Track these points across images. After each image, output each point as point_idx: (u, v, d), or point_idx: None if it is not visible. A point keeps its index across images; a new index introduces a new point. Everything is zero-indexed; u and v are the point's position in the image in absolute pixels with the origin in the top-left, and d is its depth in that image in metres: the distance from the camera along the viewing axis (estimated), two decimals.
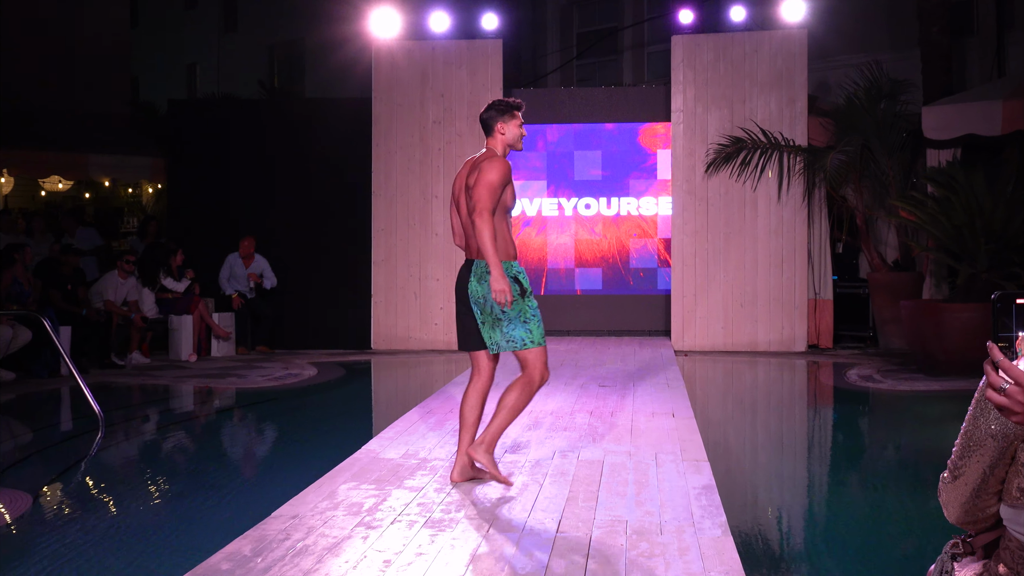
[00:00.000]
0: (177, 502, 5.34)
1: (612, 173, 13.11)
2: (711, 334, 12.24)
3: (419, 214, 12.57)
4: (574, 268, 13.02)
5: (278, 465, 6.37)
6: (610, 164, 13.11)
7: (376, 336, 12.63)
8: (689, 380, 9.79)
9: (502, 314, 4.95)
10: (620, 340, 12.50)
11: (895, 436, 7.70)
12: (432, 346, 12.51)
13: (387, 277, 12.61)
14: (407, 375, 11.18)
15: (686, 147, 12.28)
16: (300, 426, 7.88)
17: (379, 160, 12.62)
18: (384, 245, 12.61)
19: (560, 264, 13.07)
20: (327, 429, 7.69)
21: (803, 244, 12.15)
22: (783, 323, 12.17)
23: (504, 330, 4.99)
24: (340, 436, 7.17)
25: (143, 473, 6.24)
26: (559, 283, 13.06)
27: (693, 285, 12.25)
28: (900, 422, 8.28)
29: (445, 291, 12.39)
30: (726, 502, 4.74)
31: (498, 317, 4.96)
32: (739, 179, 12.13)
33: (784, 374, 10.96)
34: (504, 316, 4.95)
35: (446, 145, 12.55)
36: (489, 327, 5.00)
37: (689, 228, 12.26)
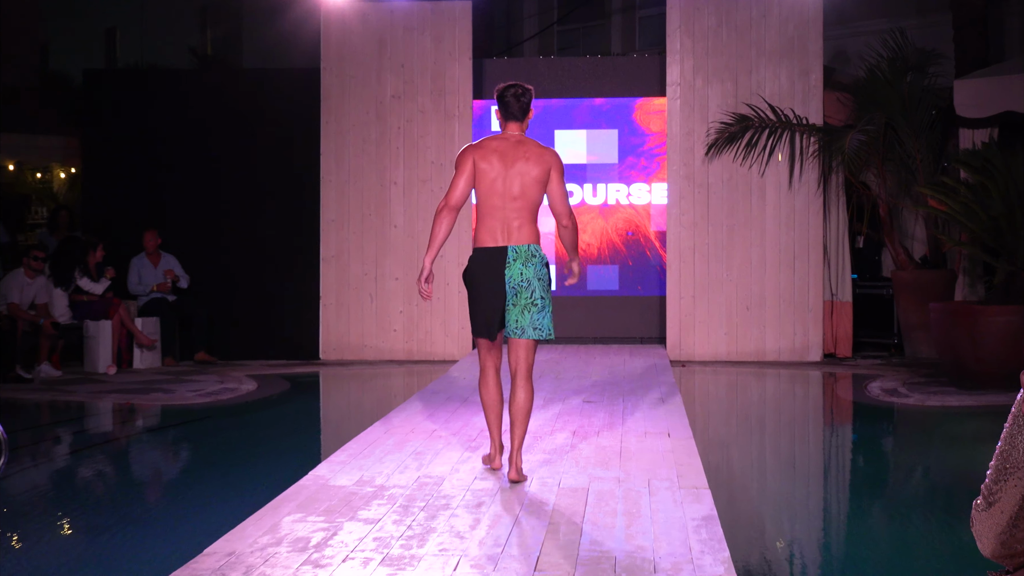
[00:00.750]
0: (93, 538, 5.29)
1: (599, 156, 13.18)
2: (712, 342, 12.31)
3: (375, 203, 12.58)
4: (553, 266, 13.00)
5: (211, 494, 6.33)
6: (597, 146, 13.18)
7: (325, 344, 12.64)
8: (687, 395, 9.84)
9: (540, 299, 5.91)
10: (607, 349, 12.53)
11: (923, 459, 7.76)
12: (391, 356, 12.51)
13: (338, 276, 12.62)
14: (361, 389, 11.18)
15: (684, 126, 12.34)
16: (237, 449, 7.85)
17: (329, 141, 12.63)
18: (335, 239, 12.62)
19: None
20: (268, 452, 7.66)
21: (818, 238, 12.22)
22: (795, 329, 12.25)
23: (534, 316, 5.91)
24: (284, 460, 7.14)
25: (53, 504, 6.18)
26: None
27: (692, 285, 12.31)
28: (929, 442, 8.34)
29: (406, 292, 12.42)
30: (729, 535, 4.75)
31: (534, 303, 5.90)
32: (744, 163, 12.19)
33: (796, 387, 11.01)
34: (540, 303, 5.92)
35: (406, 123, 12.56)
36: (519, 311, 5.90)
37: (687, 219, 12.32)
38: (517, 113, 6.07)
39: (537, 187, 5.97)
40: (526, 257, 5.91)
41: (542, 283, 5.95)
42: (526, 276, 5.90)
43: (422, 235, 12.39)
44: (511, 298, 5.90)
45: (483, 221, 5.99)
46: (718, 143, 12.18)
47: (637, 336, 13.15)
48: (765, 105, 12.13)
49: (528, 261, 5.91)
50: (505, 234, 5.93)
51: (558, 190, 6.02)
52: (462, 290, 11.90)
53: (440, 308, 12.48)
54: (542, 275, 5.96)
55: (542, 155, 6.00)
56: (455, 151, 12.18)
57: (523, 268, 5.90)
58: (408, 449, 6.76)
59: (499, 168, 5.94)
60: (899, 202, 12.45)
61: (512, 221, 5.94)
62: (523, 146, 6.01)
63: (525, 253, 5.92)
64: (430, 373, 11.38)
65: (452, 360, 12.20)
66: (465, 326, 12.29)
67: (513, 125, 6.09)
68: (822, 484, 7.08)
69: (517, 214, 5.93)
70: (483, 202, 6.00)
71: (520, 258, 5.91)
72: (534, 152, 6.00)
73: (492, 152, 5.96)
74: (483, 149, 5.99)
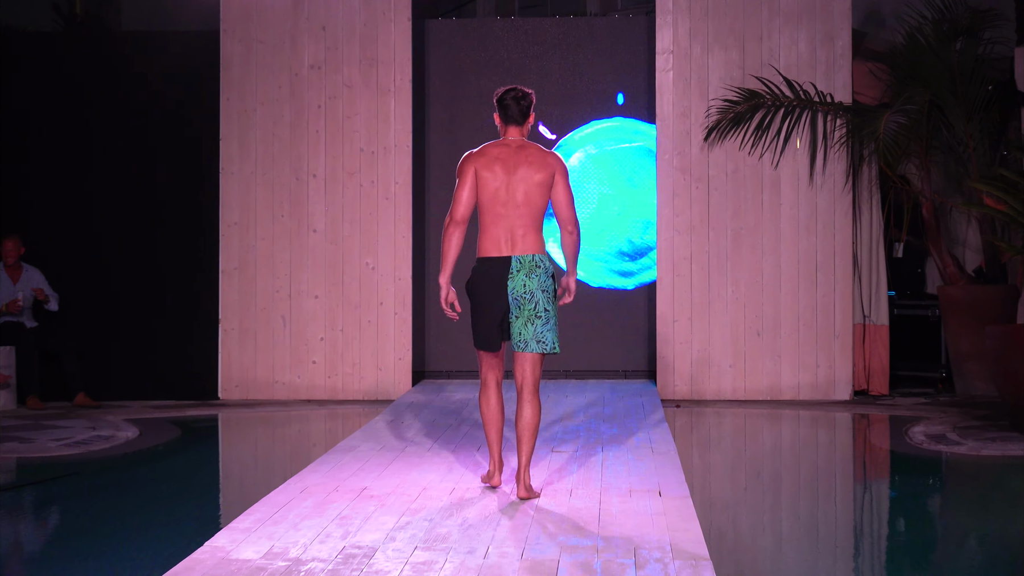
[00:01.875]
0: None
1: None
2: (714, 376, 12.35)
3: (290, 201, 12.58)
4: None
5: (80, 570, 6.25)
6: (571, 129, 13.26)
7: (226, 380, 12.62)
8: (683, 442, 9.87)
9: (543, 312, 7.01)
10: (583, 384, 12.57)
11: (979, 522, 7.73)
12: (310, 393, 12.53)
13: (242, 294, 12.60)
14: (272, 437, 11.14)
15: (678, 105, 12.39)
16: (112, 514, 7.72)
17: (230, 122, 12.63)
18: (238, 247, 12.60)
19: None
20: (153, 518, 7.56)
21: (846, 245, 12.27)
22: (818, 359, 12.28)
23: (538, 329, 7.01)
24: (172, 527, 7.08)
25: None
26: None
27: (688, 305, 12.34)
28: (986, 501, 8.30)
29: (328, 313, 12.46)
30: None
31: (538, 315, 6.99)
32: (754, 151, 12.25)
33: (819, 433, 11.02)
34: (544, 315, 7.01)
35: (329, 101, 12.57)
36: (522, 323, 7.01)
37: (682, 222, 12.35)
38: (517, 117, 7.20)
39: (541, 193, 7.07)
40: (530, 268, 7.03)
41: (546, 295, 7.04)
42: (529, 288, 7.01)
43: (349, 241, 12.45)
44: (514, 310, 7.03)
45: (486, 230, 7.10)
46: (721, 126, 12.22)
47: (620, 369, 13.22)
48: (779, 78, 12.19)
49: (532, 272, 7.02)
50: (509, 244, 7.06)
51: (563, 195, 7.13)
52: (400, 312, 12.24)
53: (371, 334, 12.50)
54: (546, 286, 7.05)
55: (545, 159, 7.12)
56: (391, 135, 12.36)
57: (526, 279, 7.01)
58: (331, 513, 6.71)
59: (502, 176, 7.06)
60: (948, 200, 12.53)
61: (516, 230, 7.06)
62: (525, 151, 7.13)
63: (529, 264, 7.03)
64: (359, 416, 11.36)
65: (387, 400, 12.19)
66: (404, 357, 12.40)
67: (513, 130, 7.23)
68: (852, 556, 7.06)
69: (521, 222, 7.05)
70: (486, 211, 7.10)
71: (524, 269, 7.02)
72: (536, 156, 7.11)
73: (494, 160, 7.09)
74: (484, 157, 7.11)
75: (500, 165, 7.07)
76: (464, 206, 7.09)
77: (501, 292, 7.04)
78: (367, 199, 12.46)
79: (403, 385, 12.49)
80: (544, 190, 7.09)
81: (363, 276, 12.52)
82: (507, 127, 7.23)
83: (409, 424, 10.08)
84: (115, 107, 12.97)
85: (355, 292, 12.53)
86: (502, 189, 7.06)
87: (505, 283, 7.03)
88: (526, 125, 7.25)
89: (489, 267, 7.08)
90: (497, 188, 7.06)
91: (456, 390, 12.24)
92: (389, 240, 12.47)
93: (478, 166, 7.09)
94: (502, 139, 7.23)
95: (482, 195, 7.10)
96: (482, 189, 7.09)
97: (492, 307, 7.07)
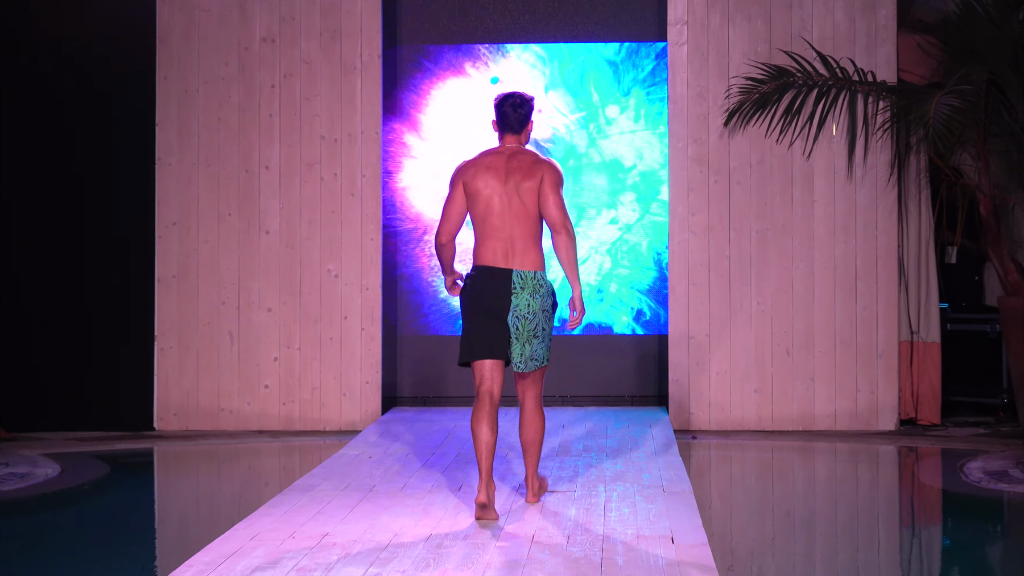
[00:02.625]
0: None
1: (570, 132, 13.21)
2: (737, 402, 12.34)
3: (239, 197, 12.56)
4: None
5: None
6: None
7: (163, 408, 12.58)
8: (700, 480, 9.91)
9: (541, 331, 7.91)
10: (583, 412, 12.56)
11: None
12: (261, 423, 12.51)
13: (182, 307, 12.57)
14: (216, 475, 11.16)
15: (693, 84, 12.38)
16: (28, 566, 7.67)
17: (168, 106, 12.59)
18: (177, 251, 12.56)
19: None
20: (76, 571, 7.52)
21: (891, 249, 12.29)
22: (858, 383, 12.28)
23: (535, 348, 7.90)
24: None
25: None
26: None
27: (705, 319, 12.34)
28: None
29: (283, 329, 12.45)
30: None
31: (536, 335, 7.88)
32: (782, 138, 12.23)
33: (860, 470, 11.02)
34: (542, 334, 7.92)
35: (285, 80, 12.57)
36: (521, 344, 7.87)
37: (698, 222, 12.35)
38: (514, 125, 8.05)
39: (534, 201, 7.86)
40: (533, 288, 7.89)
41: (546, 314, 7.94)
42: (532, 308, 7.88)
43: (308, 244, 12.48)
44: (513, 330, 7.85)
45: (484, 242, 7.91)
46: (743, 109, 12.20)
47: (625, 394, 13.22)
48: (812, 54, 12.16)
49: (536, 292, 7.89)
50: (508, 256, 7.88)
51: (550, 197, 7.86)
52: (367, 327, 12.31)
53: (334, 354, 12.49)
54: (547, 306, 7.95)
55: (536, 165, 7.92)
56: (357, 120, 12.42)
57: (531, 300, 7.87)
58: (286, 564, 6.69)
59: (495, 185, 7.87)
60: (1009, 197, 12.53)
61: (516, 242, 7.87)
62: (517, 159, 7.95)
63: (532, 282, 7.89)
64: (320, 450, 11.36)
65: (352, 431, 12.16)
66: (372, 380, 12.41)
67: (510, 138, 8.08)
68: None
69: (520, 234, 7.87)
70: (481, 223, 7.92)
71: (528, 288, 7.86)
72: (527, 163, 7.93)
73: (485, 169, 7.92)
74: (475, 167, 7.95)
75: (492, 174, 7.89)
76: (451, 224, 7.97)
77: (503, 303, 7.83)
78: (329, 195, 12.44)
79: (371, 413, 12.46)
80: (535, 197, 7.86)
81: (324, 285, 12.50)
82: (504, 135, 8.09)
83: (378, 459, 10.06)
84: (25, 85, 12.78)
85: (315, 304, 12.50)
86: (495, 199, 7.87)
87: (508, 297, 7.85)
88: (524, 133, 8.10)
89: (488, 276, 7.88)
90: (490, 198, 7.87)
91: (434, 419, 12.21)
92: (355, 243, 12.45)
93: (467, 179, 7.91)
94: (496, 147, 8.09)
95: (475, 207, 7.91)
96: (473, 202, 7.90)
97: (492, 318, 7.85)
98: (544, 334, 7.94)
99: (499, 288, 7.84)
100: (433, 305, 13.21)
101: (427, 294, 13.24)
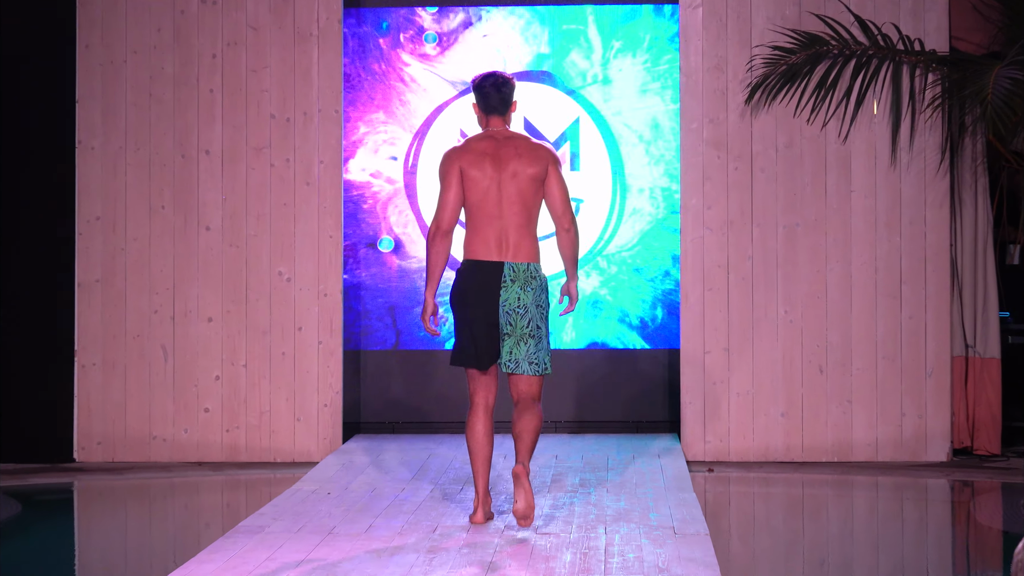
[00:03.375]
0: None
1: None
2: (761, 429, 12.34)
3: (174, 187, 12.54)
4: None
5: None
6: None
7: (84, 435, 12.55)
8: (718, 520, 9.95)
9: (536, 329, 8.60)
10: (580, 440, 12.63)
11: None
12: (201, 454, 12.52)
13: (107, 315, 12.55)
14: (147, 514, 11.16)
15: (710, 54, 12.39)
16: None
17: (91, 78, 12.56)
18: (101, 250, 12.54)
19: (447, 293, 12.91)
20: None
21: (941, 249, 12.30)
22: (904, 405, 12.27)
23: (530, 350, 8.60)
24: None
25: None
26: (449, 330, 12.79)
27: (724, 330, 12.36)
28: None
29: (226, 342, 12.46)
30: None
31: (531, 334, 8.58)
32: (813, 118, 12.24)
33: (907, 508, 11.05)
34: (537, 333, 8.61)
35: (228, 49, 12.55)
36: (513, 342, 8.59)
37: (715, 216, 12.36)
38: (498, 106, 8.79)
39: (535, 189, 8.65)
40: (525, 279, 8.61)
41: (540, 310, 8.66)
42: (523, 302, 8.59)
43: (255, 243, 12.49)
44: (504, 326, 8.59)
45: (476, 232, 8.64)
46: (768, 84, 12.20)
47: (630, 419, 13.26)
48: (849, 18, 12.18)
49: (527, 284, 8.60)
50: (501, 248, 8.61)
51: (558, 189, 8.70)
52: (326, 340, 12.38)
53: (286, 372, 12.51)
54: (541, 301, 8.67)
55: (537, 151, 8.72)
56: (313, 95, 12.44)
57: (521, 292, 8.58)
58: None
59: (492, 173, 8.60)
60: None
61: (510, 233, 8.62)
62: (513, 143, 8.71)
63: (524, 274, 8.61)
64: (269, 486, 11.43)
65: (307, 462, 12.20)
66: (331, 403, 12.45)
67: (496, 120, 8.81)
68: None
69: (515, 223, 8.62)
70: (475, 212, 8.65)
71: (519, 280, 8.59)
72: (526, 148, 8.70)
73: (481, 155, 8.64)
74: (470, 153, 8.67)
75: (489, 161, 8.62)
76: (451, 212, 8.67)
77: (493, 301, 8.59)
78: (281, 184, 12.44)
79: (330, 442, 12.47)
80: (537, 185, 8.64)
81: (275, 291, 12.52)
82: (488, 117, 8.84)
83: (338, 496, 10.06)
84: None
85: (264, 313, 12.52)
86: (493, 187, 8.60)
87: (497, 292, 8.58)
88: (509, 114, 8.86)
89: (478, 271, 8.64)
90: (487, 187, 8.61)
91: (405, 449, 12.26)
92: (311, 241, 12.46)
93: (463, 164, 8.62)
94: (486, 131, 8.83)
95: (471, 196, 8.63)
96: (471, 189, 8.62)
97: (481, 318, 8.61)
98: (540, 335, 8.63)
99: (489, 284, 8.58)
100: (405, 315, 13.24)
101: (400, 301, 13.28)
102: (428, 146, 13.18)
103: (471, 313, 8.63)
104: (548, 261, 9.21)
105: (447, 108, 13.20)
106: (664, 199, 13.16)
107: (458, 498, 9.86)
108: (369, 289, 13.28)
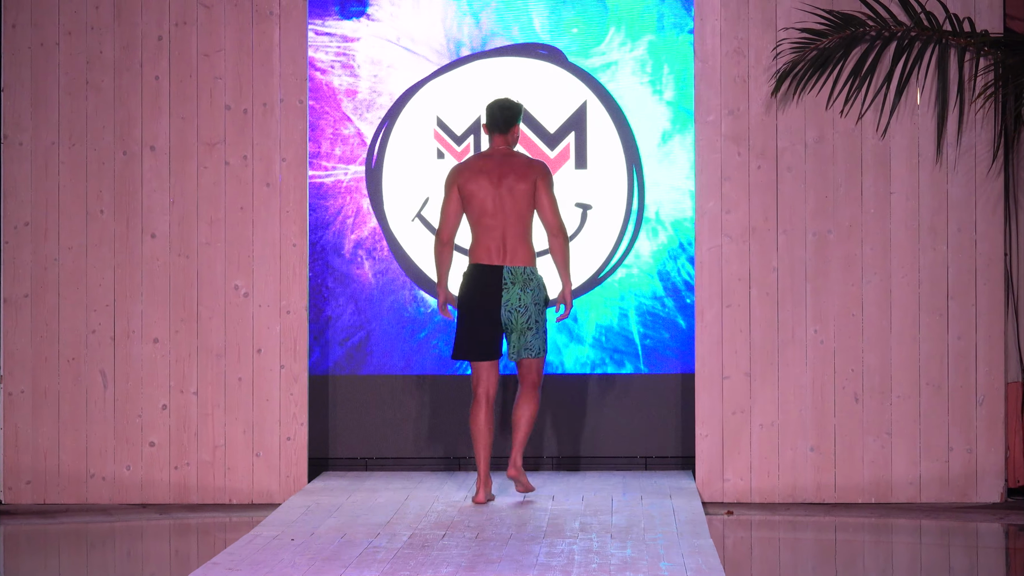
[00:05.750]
0: None
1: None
2: (788, 465, 12.03)
3: (114, 189, 12.16)
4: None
5: None
6: None
7: (11, 474, 12.20)
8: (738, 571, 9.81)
9: (535, 323, 10.54)
10: (581, 479, 12.52)
11: None
12: (146, 494, 12.19)
13: (37, 336, 12.19)
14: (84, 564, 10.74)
15: (729, 38, 12.08)
16: None
17: (19, 64, 12.19)
18: (30, 261, 12.17)
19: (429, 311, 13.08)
20: None
21: (995, 259, 11.94)
22: (951, 439, 11.91)
23: (529, 338, 10.58)
24: None
25: None
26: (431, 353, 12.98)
27: (745, 353, 12.06)
28: None
29: (176, 365, 12.17)
30: None
31: (529, 327, 10.53)
32: (848, 110, 11.82)
33: (955, 556, 10.74)
34: (535, 326, 10.56)
35: (177, 30, 12.17)
36: (516, 335, 10.55)
37: (735, 222, 12.00)
38: (501, 125, 10.60)
39: (527, 202, 10.51)
40: (524, 282, 10.53)
41: (538, 307, 10.59)
42: (523, 301, 10.52)
43: (208, 252, 12.29)
44: (507, 322, 10.54)
45: (478, 240, 10.56)
46: (797, 71, 11.84)
47: (638, 454, 13.07)
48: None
49: (526, 286, 10.53)
50: (500, 253, 10.49)
51: (546, 201, 10.55)
52: (289, 364, 12.35)
53: (243, 400, 12.20)
54: (539, 299, 10.60)
55: (528, 168, 10.61)
56: (274, 83, 12.33)
57: (521, 293, 10.50)
58: None
59: (488, 188, 10.46)
60: None
61: (508, 240, 10.50)
62: (509, 160, 10.59)
63: (522, 277, 10.52)
64: (223, 531, 11.35)
65: (268, 504, 11.91)
66: (296, 436, 12.29)
67: (499, 138, 10.68)
68: None
69: (512, 232, 10.50)
70: (476, 223, 10.56)
71: (518, 283, 10.51)
72: (519, 165, 10.59)
73: (479, 172, 10.52)
74: (469, 170, 10.59)
75: (486, 177, 10.48)
76: (450, 225, 10.65)
77: (496, 299, 10.54)
78: (237, 185, 12.10)
79: (294, 480, 12.24)
80: (528, 199, 10.52)
81: (231, 308, 12.27)
82: (493, 136, 10.72)
83: (303, 543, 9.62)
84: None
85: (218, 333, 12.27)
86: (489, 201, 10.48)
87: (499, 292, 10.52)
88: (511, 134, 10.68)
89: (482, 273, 10.59)
90: (484, 200, 10.49)
91: (378, 488, 12.12)
92: (272, 251, 12.19)
93: (461, 182, 10.53)
94: (487, 150, 10.86)
95: (471, 209, 10.56)
96: (469, 203, 10.55)
97: (484, 317, 10.58)
98: (538, 326, 10.64)
99: (491, 284, 10.53)
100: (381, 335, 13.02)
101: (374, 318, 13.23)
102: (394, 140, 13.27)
103: (477, 310, 10.61)
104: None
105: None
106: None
107: (440, 545, 9.58)
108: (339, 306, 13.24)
